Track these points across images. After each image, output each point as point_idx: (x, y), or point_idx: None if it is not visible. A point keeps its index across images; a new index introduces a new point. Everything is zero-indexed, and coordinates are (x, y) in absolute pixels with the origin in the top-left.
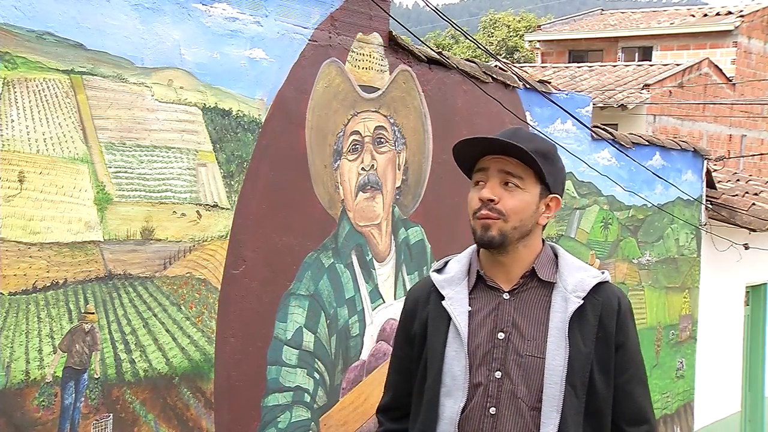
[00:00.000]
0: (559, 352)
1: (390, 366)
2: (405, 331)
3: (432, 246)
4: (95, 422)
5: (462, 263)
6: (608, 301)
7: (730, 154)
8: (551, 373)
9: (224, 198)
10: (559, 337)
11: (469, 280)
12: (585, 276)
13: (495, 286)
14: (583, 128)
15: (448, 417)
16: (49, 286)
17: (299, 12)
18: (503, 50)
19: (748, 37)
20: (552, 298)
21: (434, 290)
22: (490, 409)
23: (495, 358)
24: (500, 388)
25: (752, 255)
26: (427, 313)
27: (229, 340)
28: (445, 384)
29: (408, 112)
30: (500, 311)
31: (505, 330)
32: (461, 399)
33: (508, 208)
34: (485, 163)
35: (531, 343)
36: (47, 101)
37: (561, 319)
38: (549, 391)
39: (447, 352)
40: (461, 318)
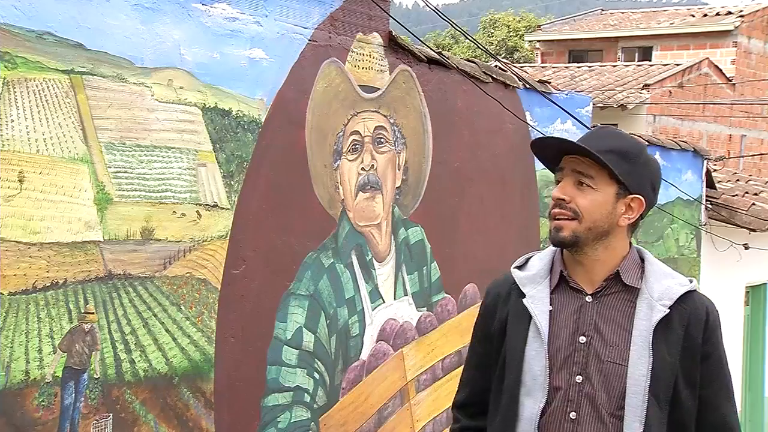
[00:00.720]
0: (642, 362)
1: (467, 362)
2: (484, 327)
3: (432, 246)
4: (95, 422)
5: (545, 261)
6: (696, 311)
7: (730, 154)
8: (634, 383)
9: (224, 198)
10: (643, 345)
11: (551, 280)
12: (672, 284)
13: (577, 287)
14: (583, 128)
15: (527, 417)
16: (49, 286)
17: (299, 12)
18: (503, 50)
19: (748, 37)
20: (636, 305)
21: (515, 287)
22: (571, 413)
23: (576, 362)
24: (580, 392)
25: (752, 255)
26: (508, 311)
27: (229, 340)
28: (525, 384)
29: (408, 112)
30: (582, 314)
31: (586, 334)
32: (541, 400)
33: (580, 208)
34: (563, 163)
35: (613, 349)
36: (47, 101)
37: (645, 327)
38: (631, 401)
39: (527, 351)
40: (542, 317)
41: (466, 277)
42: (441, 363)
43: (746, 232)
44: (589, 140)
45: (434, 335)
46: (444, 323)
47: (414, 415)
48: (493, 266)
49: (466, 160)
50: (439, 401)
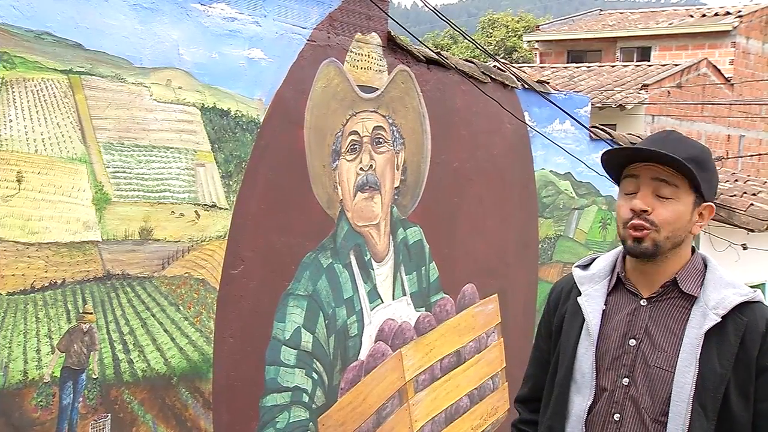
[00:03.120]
0: (688, 369)
1: (531, 358)
2: (546, 324)
3: (431, 246)
4: (93, 422)
5: (607, 262)
6: (754, 322)
7: (728, 154)
8: (679, 390)
9: (223, 198)
10: (691, 353)
11: (610, 280)
12: (730, 293)
13: (634, 290)
14: (581, 128)
15: (576, 414)
16: (47, 286)
17: (298, 12)
18: (502, 50)
19: (746, 38)
20: (691, 312)
21: (576, 286)
22: (615, 415)
23: (624, 365)
24: (626, 395)
25: (750, 255)
26: (566, 308)
27: (228, 340)
28: (575, 380)
29: (407, 112)
30: (635, 317)
31: (636, 337)
32: (588, 397)
33: (661, 219)
34: (636, 170)
35: (661, 354)
36: (45, 101)
37: (695, 335)
38: (676, 408)
39: (578, 349)
40: (593, 316)
41: (464, 277)
42: (439, 363)
43: (744, 233)
44: (667, 147)
45: (433, 335)
46: (442, 323)
47: (412, 415)
48: (491, 266)
49: (465, 160)
50: (437, 401)
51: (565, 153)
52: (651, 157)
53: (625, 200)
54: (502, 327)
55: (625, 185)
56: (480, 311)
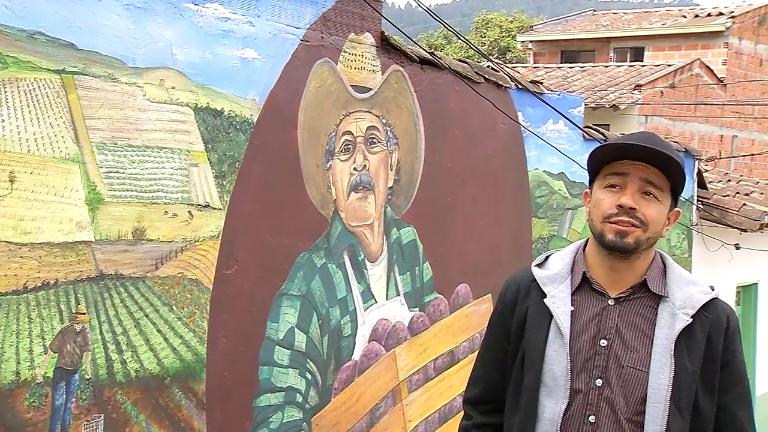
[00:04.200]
0: (664, 370)
1: (481, 358)
2: (502, 324)
3: (424, 246)
4: (86, 423)
5: (566, 261)
6: (717, 319)
7: (721, 154)
8: (655, 392)
9: (216, 198)
10: (665, 354)
11: (573, 280)
12: (695, 292)
13: (600, 290)
14: (575, 128)
15: (548, 418)
16: (40, 287)
17: (291, 12)
18: (495, 51)
19: (738, 38)
20: (658, 311)
21: (535, 285)
22: (590, 417)
23: (596, 366)
24: (600, 396)
25: (743, 255)
26: (527, 308)
27: (221, 340)
28: (546, 384)
29: (400, 113)
30: (604, 317)
31: (608, 337)
32: (563, 401)
33: (648, 218)
34: (624, 168)
35: (634, 354)
36: (38, 101)
37: (667, 335)
38: (652, 410)
39: (547, 352)
40: (564, 318)
41: (458, 277)
42: (433, 363)
43: (737, 233)
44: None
45: (426, 335)
46: (436, 323)
47: (406, 415)
48: (485, 266)
49: (459, 160)
50: (431, 401)
51: (558, 153)
52: (651, 156)
53: (608, 195)
54: None
55: (607, 179)
56: (474, 311)
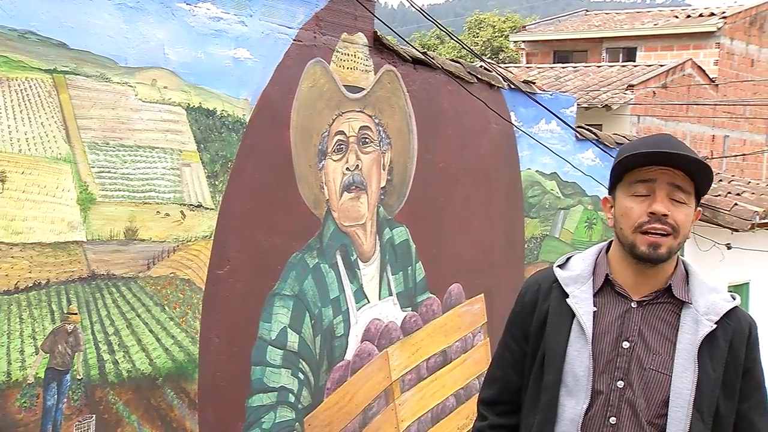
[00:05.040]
0: (686, 375)
1: (498, 358)
2: (521, 324)
3: (417, 246)
4: (78, 423)
5: (588, 262)
6: (739, 327)
7: (713, 154)
8: (678, 396)
9: (208, 198)
10: (688, 359)
11: (595, 282)
12: (718, 299)
13: (623, 292)
14: (567, 128)
15: (569, 418)
16: (31, 287)
17: (284, 12)
18: (488, 51)
19: (730, 39)
20: (681, 317)
21: (556, 286)
22: (611, 418)
23: (618, 367)
24: (621, 398)
25: (735, 255)
26: (547, 309)
27: (214, 340)
28: (567, 384)
29: (393, 112)
30: (627, 320)
31: (630, 339)
32: (584, 401)
33: (679, 223)
34: (651, 174)
35: (656, 357)
36: (30, 101)
37: (690, 341)
38: (675, 414)
39: (569, 352)
40: (586, 318)
41: (451, 277)
42: (426, 363)
43: (729, 232)
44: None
45: (419, 335)
46: (429, 323)
47: (399, 414)
48: (478, 266)
49: (451, 160)
50: (423, 401)
51: (551, 153)
52: (679, 161)
53: (636, 203)
54: (488, 327)
55: (634, 188)
56: (466, 311)
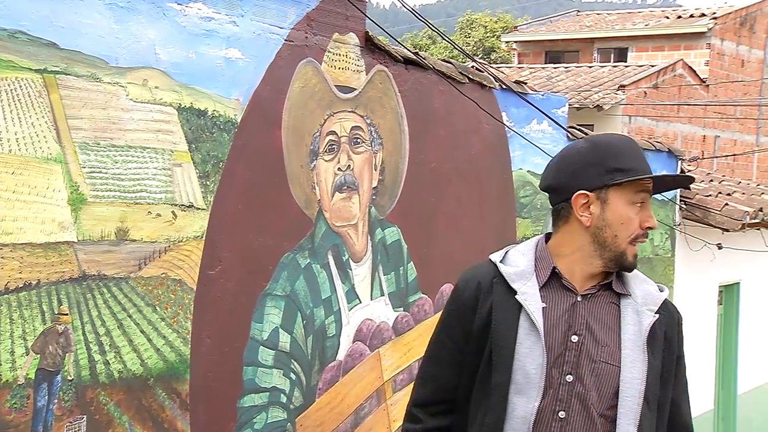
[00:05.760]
0: (636, 365)
1: (432, 358)
2: (460, 322)
3: (409, 246)
4: (68, 424)
5: (528, 257)
6: (672, 316)
7: (703, 154)
8: (628, 386)
9: (200, 198)
10: (636, 349)
11: (540, 276)
12: (651, 289)
13: (569, 286)
14: (559, 129)
15: (520, 416)
16: (21, 287)
17: (275, 12)
18: (480, 51)
19: (721, 39)
20: (621, 308)
21: (498, 282)
22: (560, 413)
23: (567, 361)
24: (571, 392)
25: (725, 255)
26: (491, 305)
27: (205, 340)
28: (517, 382)
29: (385, 113)
30: (574, 313)
31: (579, 333)
32: (536, 398)
33: None
34: (648, 185)
35: (605, 349)
36: (20, 101)
37: (635, 331)
38: (626, 404)
39: (519, 349)
40: (537, 314)
41: (442, 277)
42: (418, 363)
43: (719, 232)
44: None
45: (411, 335)
46: (420, 323)
47: (391, 415)
48: (469, 266)
49: (443, 161)
50: None
51: (542, 153)
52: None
53: (636, 213)
54: None
55: (635, 197)
56: None
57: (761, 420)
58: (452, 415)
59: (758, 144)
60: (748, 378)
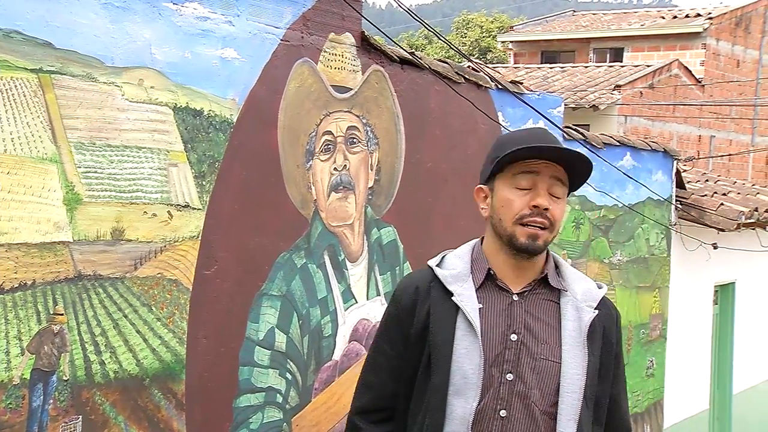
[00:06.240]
0: (576, 362)
1: (371, 365)
2: (399, 328)
3: (405, 246)
4: (64, 424)
5: (464, 260)
6: (610, 313)
7: (699, 154)
8: (569, 382)
9: (196, 198)
10: (576, 346)
11: (476, 278)
12: (590, 286)
13: (504, 286)
14: (554, 129)
15: (459, 417)
16: (17, 288)
17: (271, 12)
18: (476, 51)
19: (716, 39)
20: (561, 305)
21: (435, 286)
22: (501, 411)
23: (507, 360)
24: (511, 390)
25: (721, 254)
26: (428, 309)
27: (201, 340)
28: (454, 383)
29: (380, 112)
30: (512, 312)
31: (517, 332)
32: (474, 398)
33: (556, 218)
34: (535, 167)
35: (545, 346)
36: (15, 100)
37: (575, 327)
38: (567, 400)
39: (456, 350)
40: (474, 315)
41: None
42: None
43: (715, 232)
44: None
45: None
46: None
47: None
48: None
49: (439, 161)
50: None
51: None
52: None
53: (519, 195)
54: None
55: (517, 180)
56: None
57: (756, 420)
58: (393, 422)
59: (753, 144)
60: (743, 378)
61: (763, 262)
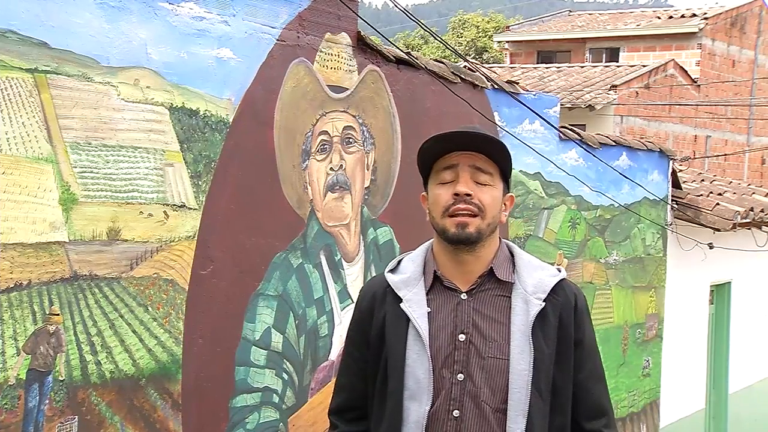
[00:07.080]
0: (523, 357)
1: (342, 367)
2: (361, 332)
3: (401, 246)
4: (60, 425)
5: (417, 263)
6: (566, 300)
7: (695, 154)
8: (516, 378)
9: (192, 198)
10: (523, 340)
11: (426, 280)
12: (544, 276)
13: (452, 286)
14: (550, 128)
15: (414, 421)
16: (12, 288)
17: (267, 12)
18: (472, 51)
19: (712, 39)
20: (512, 299)
21: (390, 291)
22: (454, 412)
23: (456, 361)
24: (463, 390)
25: (716, 254)
26: (384, 314)
27: (197, 341)
28: (409, 387)
29: (377, 112)
30: (459, 312)
31: (465, 332)
32: (426, 402)
33: (485, 203)
34: (453, 160)
35: (493, 344)
36: (10, 100)
37: (523, 322)
38: (515, 396)
39: (408, 355)
40: (421, 320)
41: None
42: None
43: (711, 232)
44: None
45: None
46: None
47: None
48: None
49: None
50: None
51: (534, 153)
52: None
53: (444, 188)
54: None
55: (441, 176)
56: None
57: (752, 419)
58: (367, 420)
59: (749, 144)
60: (739, 377)
61: (759, 262)
